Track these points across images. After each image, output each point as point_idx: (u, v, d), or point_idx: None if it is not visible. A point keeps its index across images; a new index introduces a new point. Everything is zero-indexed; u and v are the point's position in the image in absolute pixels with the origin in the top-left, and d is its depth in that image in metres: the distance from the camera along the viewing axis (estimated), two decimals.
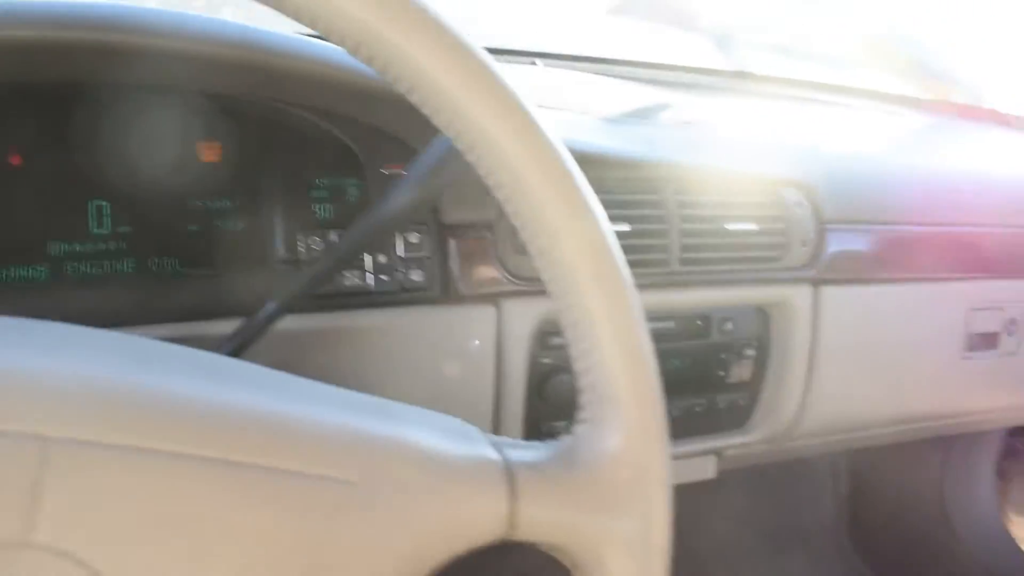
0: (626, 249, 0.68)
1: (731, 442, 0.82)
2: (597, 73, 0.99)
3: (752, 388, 0.81)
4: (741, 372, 0.80)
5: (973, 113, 1.31)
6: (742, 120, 0.94)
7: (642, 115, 0.83)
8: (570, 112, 0.79)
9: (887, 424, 0.93)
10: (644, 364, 0.35)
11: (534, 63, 0.95)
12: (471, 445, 0.34)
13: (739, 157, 0.78)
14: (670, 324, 0.75)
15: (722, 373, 0.79)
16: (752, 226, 0.73)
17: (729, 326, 0.77)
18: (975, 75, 1.37)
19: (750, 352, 0.79)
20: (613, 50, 1.08)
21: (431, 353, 0.62)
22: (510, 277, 0.63)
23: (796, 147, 0.87)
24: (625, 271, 0.35)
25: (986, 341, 0.93)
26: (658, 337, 0.75)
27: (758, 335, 0.79)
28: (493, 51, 1.02)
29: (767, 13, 1.49)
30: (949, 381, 0.92)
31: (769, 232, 0.75)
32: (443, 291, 0.62)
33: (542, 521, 0.34)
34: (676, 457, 0.81)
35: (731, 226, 0.72)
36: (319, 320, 0.58)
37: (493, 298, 0.64)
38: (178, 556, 0.28)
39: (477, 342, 0.64)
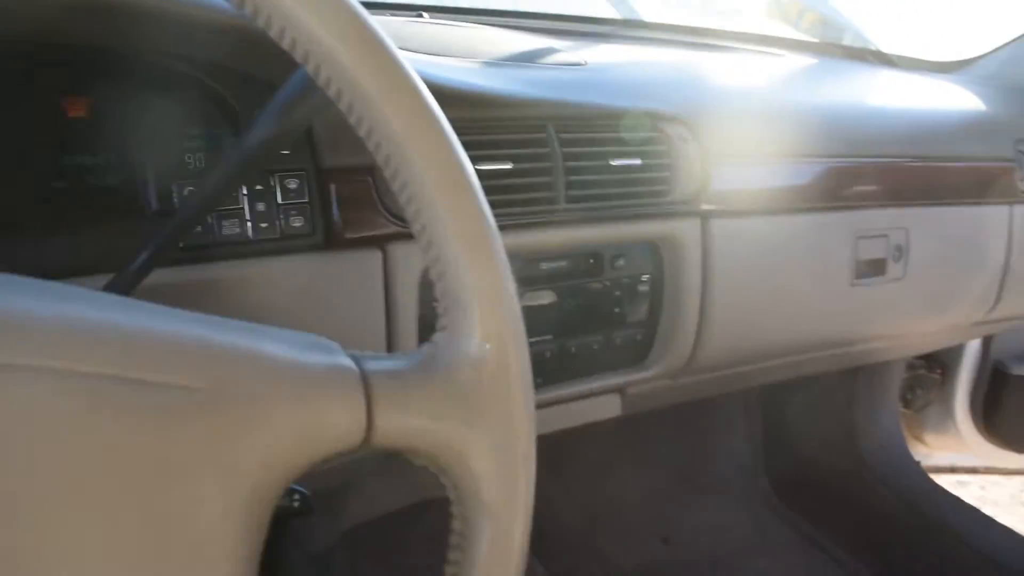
0: (511, 188, 0.70)
1: (632, 378, 0.84)
2: (484, 25, 0.99)
3: (648, 323, 0.83)
4: (636, 308, 0.81)
5: (859, 54, 1.35)
6: (628, 63, 0.95)
7: (527, 59, 0.84)
8: (454, 59, 0.79)
9: (783, 354, 0.96)
10: (497, 269, 0.36)
11: (421, 15, 0.95)
12: (327, 356, 0.34)
13: (624, 96, 0.79)
14: (563, 263, 0.76)
15: (618, 310, 0.80)
16: (636, 161, 0.74)
17: (621, 262, 0.79)
18: (859, 18, 1.41)
19: (644, 288, 0.81)
20: (504, 2, 1.08)
21: (318, 300, 0.62)
22: (393, 219, 0.63)
23: (681, 86, 0.88)
24: (474, 182, 0.36)
25: (873, 267, 0.96)
26: (551, 276, 0.76)
27: (651, 271, 0.81)
28: (378, 5, 1.01)
29: None
30: (840, 308, 0.96)
31: (654, 167, 0.76)
32: (326, 237, 0.61)
33: (400, 427, 0.34)
34: (580, 396, 0.82)
35: (616, 162, 0.73)
36: (198, 272, 0.58)
37: (378, 242, 0.64)
38: (23, 466, 0.27)
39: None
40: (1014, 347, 1.52)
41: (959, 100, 1.12)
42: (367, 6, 0.35)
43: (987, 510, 1.42)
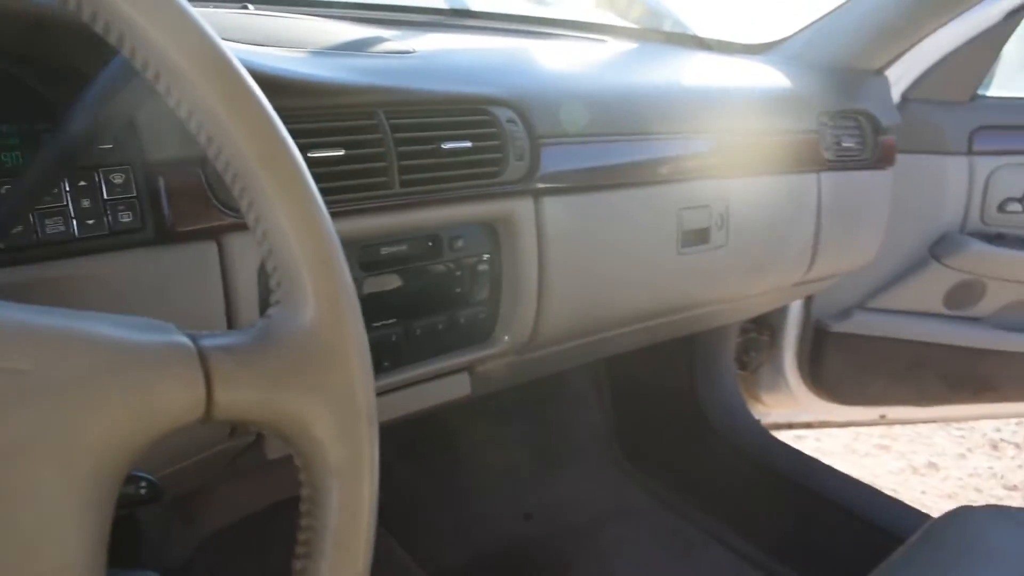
0: (345, 174, 0.71)
1: (478, 355, 0.86)
2: (313, 16, 0.99)
3: (491, 301, 0.86)
4: (478, 287, 0.84)
5: (678, 39, 1.43)
6: (457, 50, 0.97)
7: (355, 48, 0.84)
8: (281, 48, 0.79)
9: (621, 324, 1.02)
10: (324, 240, 0.37)
11: (246, 7, 0.94)
12: (161, 335, 0.34)
13: (453, 81, 0.81)
14: (403, 247, 0.78)
15: (460, 290, 0.83)
16: (467, 144, 0.77)
17: (460, 243, 0.81)
18: (677, 5, 1.49)
19: (484, 267, 0.84)
20: None
21: (153, 297, 0.61)
22: (227, 211, 0.63)
23: (508, 71, 0.91)
24: (296, 155, 0.37)
25: (698, 236, 1.03)
26: (392, 260, 0.78)
27: (489, 250, 0.84)
28: None
29: None
30: (670, 276, 1.02)
31: (485, 149, 0.79)
32: (157, 231, 0.61)
33: (240, 400, 0.35)
34: (429, 378, 0.84)
35: (447, 145, 0.75)
36: (20, 274, 0.56)
37: (213, 234, 0.63)
38: None
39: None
40: (831, 306, 1.64)
41: (768, 79, 1.21)
42: None
43: (824, 460, 1.54)
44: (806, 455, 1.56)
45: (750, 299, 1.25)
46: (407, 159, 0.73)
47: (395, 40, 0.91)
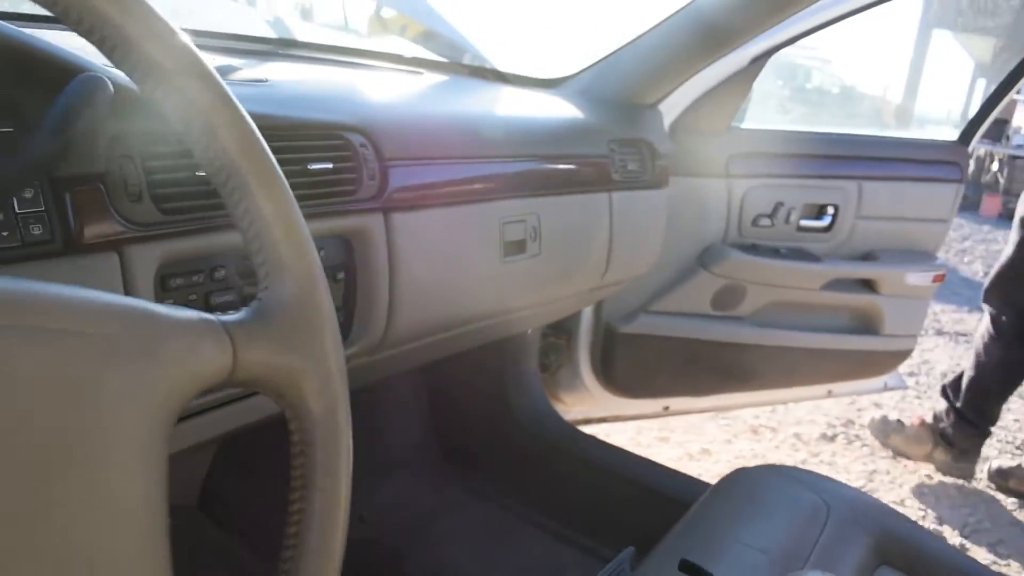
0: None
1: None
2: None
3: (347, 307, 0.96)
4: (336, 293, 0.94)
5: (481, 73, 1.59)
6: (307, 80, 1.07)
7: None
8: None
9: (458, 325, 1.14)
10: (301, 238, 0.48)
11: None
12: (193, 312, 0.43)
13: (310, 109, 0.91)
14: None
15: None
16: (329, 165, 0.87)
17: (322, 254, 0.91)
18: (479, 42, 1.65)
19: (341, 276, 0.94)
20: None
21: None
22: (126, 223, 0.70)
23: (355, 99, 1.02)
24: (280, 176, 0.48)
25: (517, 247, 1.18)
26: None
27: (345, 260, 0.94)
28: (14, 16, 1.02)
29: None
30: (495, 283, 1.16)
31: (343, 170, 0.90)
32: (65, 243, 0.66)
33: (254, 362, 0.45)
34: None
35: (313, 166, 0.85)
36: None
37: (114, 245, 0.70)
38: None
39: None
40: (618, 310, 1.85)
41: (564, 110, 1.39)
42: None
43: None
44: (604, 442, 1.76)
45: (557, 303, 1.42)
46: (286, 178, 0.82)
47: (245, 69, 0.99)
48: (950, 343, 4.34)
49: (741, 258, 1.82)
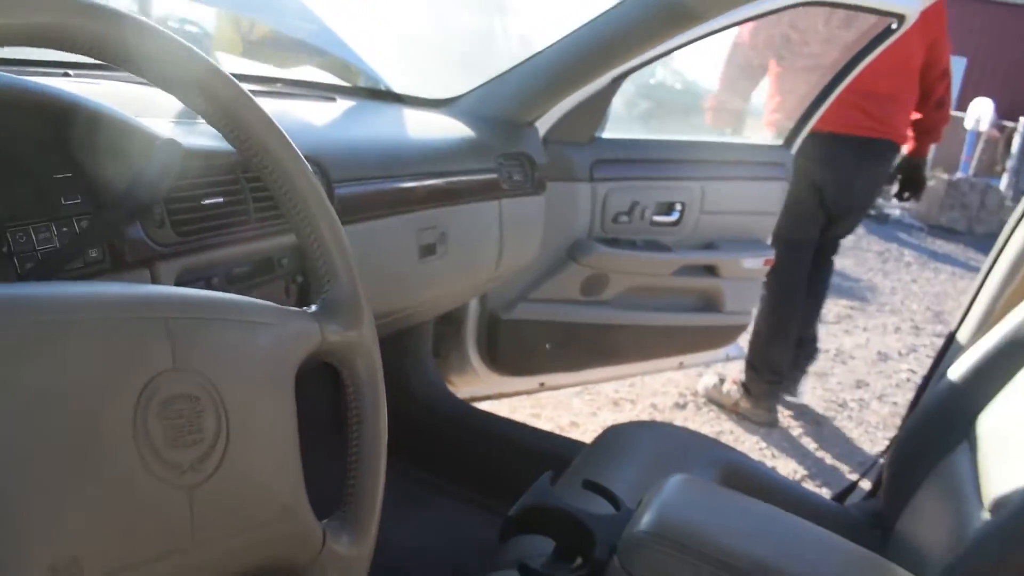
0: (221, 215, 0.99)
1: None
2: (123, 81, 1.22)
3: (305, 302, 1.17)
4: (293, 295, 1.15)
5: (381, 96, 1.81)
6: None
7: (187, 115, 1.11)
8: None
9: (384, 316, 1.37)
10: (347, 253, 0.71)
11: (67, 74, 1.14)
12: (297, 308, 0.67)
13: None
14: (247, 268, 1.07)
15: (287, 297, 1.14)
16: None
17: (285, 262, 1.12)
18: (377, 66, 1.87)
19: (300, 278, 1.15)
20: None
21: None
22: (155, 245, 0.90)
23: (306, 129, 1.23)
24: (329, 205, 0.71)
25: (429, 250, 1.42)
26: (241, 278, 1.07)
27: (302, 267, 1.16)
28: (23, 62, 1.18)
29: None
30: (413, 280, 1.40)
31: None
32: (113, 263, 0.86)
33: (331, 338, 0.68)
34: None
35: None
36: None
37: (147, 263, 0.89)
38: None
39: None
40: (501, 299, 2.12)
41: (458, 130, 1.63)
42: (6, 63, 0.66)
43: None
44: (494, 414, 2.03)
45: (458, 294, 1.67)
46: (259, 201, 1.03)
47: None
48: None
49: (604, 251, 2.12)
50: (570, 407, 3.09)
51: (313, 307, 0.70)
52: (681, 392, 3.38)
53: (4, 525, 0.44)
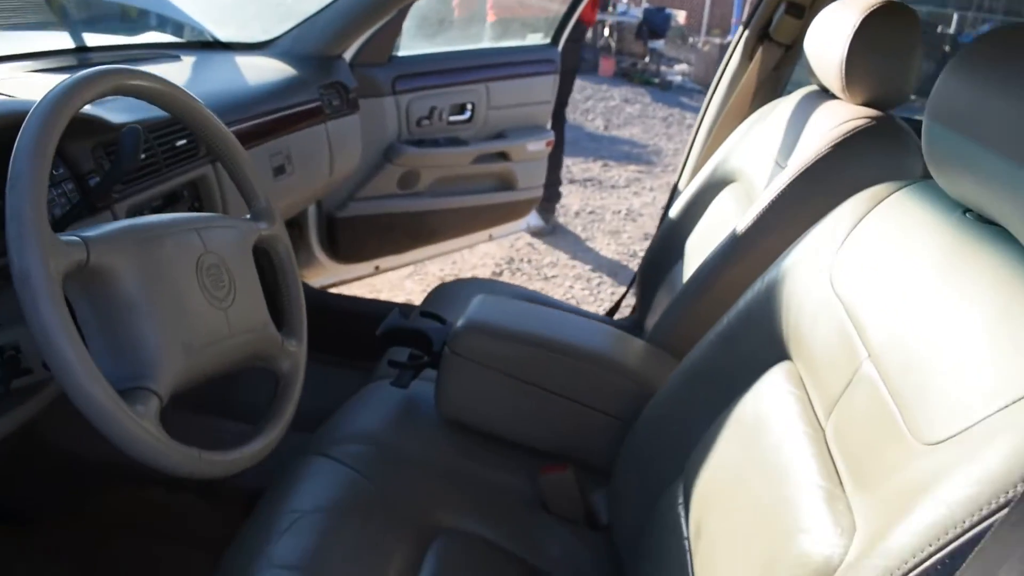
0: (146, 167, 1.46)
1: None
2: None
3: None
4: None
5: (210, 45, 2.21)
6: None
7: None
8: None
9: None
10: (258, 177, 1.21)
11: None
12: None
13: None
14: (160, 201, 1.53)
15: None
16: (184, 141, 1.54)
17: (185, 194, 1.58)
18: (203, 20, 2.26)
19: (197, 203, 1.62)
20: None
21: None
22: (115, 195, 1.35)
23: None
24: (240, 146, 1.21)
25: (280, 170, 1.89)
26: (162, 207, 1.53)
27: (198, 195, 1.62)
28: None
29: None
30: (273, 195, 1.88)
31: (191, 142, 1.57)
32: (90, 209, 1.31)
33: (263, 234, 1.19)
34: None
35: (177, 143, 1.52)
36: None
37: (110, 206, 1.35)
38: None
39: None
40: (334, 201, 2.61)
41: (282, 70, 2.08)
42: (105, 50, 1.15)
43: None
44: (340, 294, 2.55)
45: (302, 202, 2.16)
46: (164, 155, 1.48)
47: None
48: (580, 188, 5.55)
49: (412, 151, 2.64)
50: (403, 287, 3.64)
51: (247, 215, 1.19)
52: (497, 262, 3.99)
53: (148, 323, 0.93)
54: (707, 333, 1.26)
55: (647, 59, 10.46)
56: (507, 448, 1.48)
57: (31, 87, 1.42)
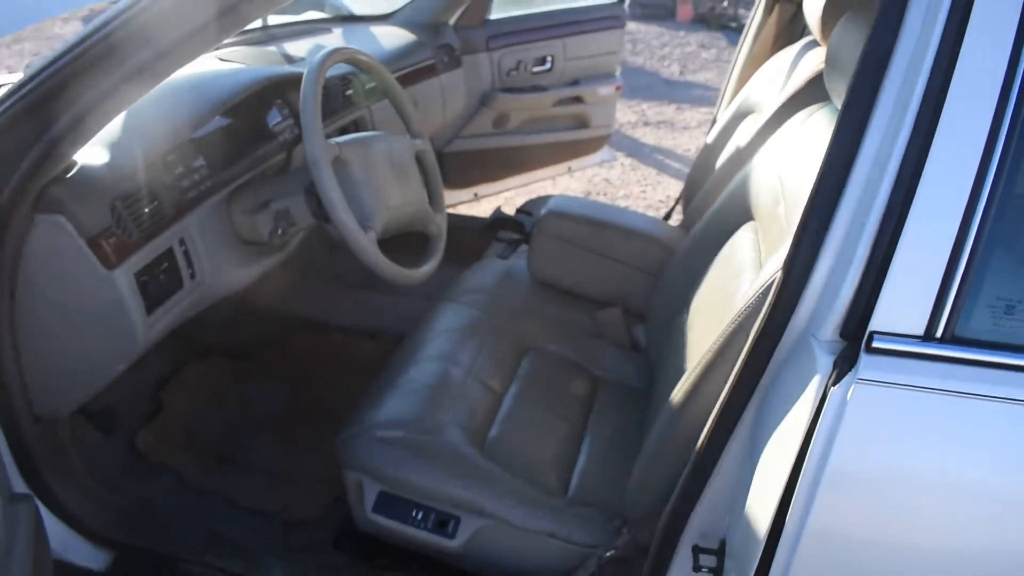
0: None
1: None
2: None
3: None
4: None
5: (351, 19, 2.94)
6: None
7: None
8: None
9: None
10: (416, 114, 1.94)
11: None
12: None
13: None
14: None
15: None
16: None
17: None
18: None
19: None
20: None
21: None
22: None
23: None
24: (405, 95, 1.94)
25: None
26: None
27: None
28: None
29: None
30: None
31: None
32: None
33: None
34: None
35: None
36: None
37: None
38: None
39: None
40: (442, 139, 3.33)
41: (406, 36, 2.80)
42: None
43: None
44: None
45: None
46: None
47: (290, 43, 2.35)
48: (654, 129, 6.15)
49: (503, 96, 3.33)
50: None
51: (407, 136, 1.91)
52: (586, 189, 4.68)
53: (368, 191, 1.66)
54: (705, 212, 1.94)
55: (725, 3, 10.80)
56: (576, 297, 2.20)
57: (262, 56, 2.17)
